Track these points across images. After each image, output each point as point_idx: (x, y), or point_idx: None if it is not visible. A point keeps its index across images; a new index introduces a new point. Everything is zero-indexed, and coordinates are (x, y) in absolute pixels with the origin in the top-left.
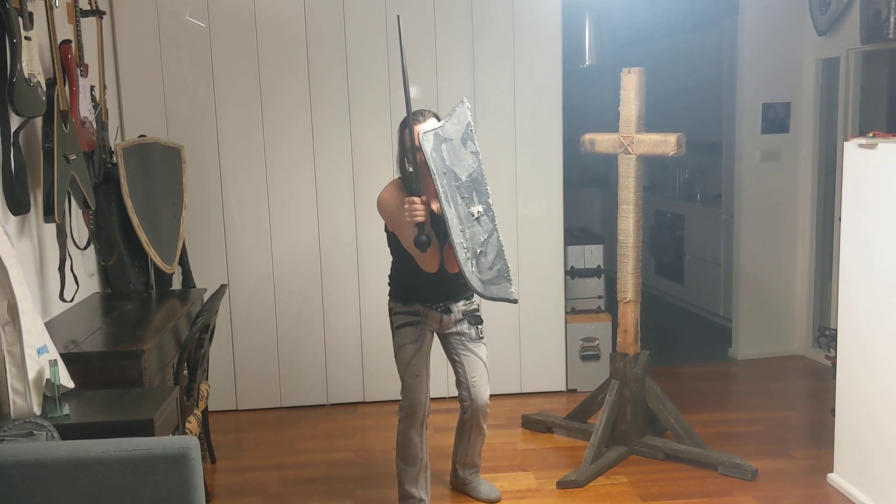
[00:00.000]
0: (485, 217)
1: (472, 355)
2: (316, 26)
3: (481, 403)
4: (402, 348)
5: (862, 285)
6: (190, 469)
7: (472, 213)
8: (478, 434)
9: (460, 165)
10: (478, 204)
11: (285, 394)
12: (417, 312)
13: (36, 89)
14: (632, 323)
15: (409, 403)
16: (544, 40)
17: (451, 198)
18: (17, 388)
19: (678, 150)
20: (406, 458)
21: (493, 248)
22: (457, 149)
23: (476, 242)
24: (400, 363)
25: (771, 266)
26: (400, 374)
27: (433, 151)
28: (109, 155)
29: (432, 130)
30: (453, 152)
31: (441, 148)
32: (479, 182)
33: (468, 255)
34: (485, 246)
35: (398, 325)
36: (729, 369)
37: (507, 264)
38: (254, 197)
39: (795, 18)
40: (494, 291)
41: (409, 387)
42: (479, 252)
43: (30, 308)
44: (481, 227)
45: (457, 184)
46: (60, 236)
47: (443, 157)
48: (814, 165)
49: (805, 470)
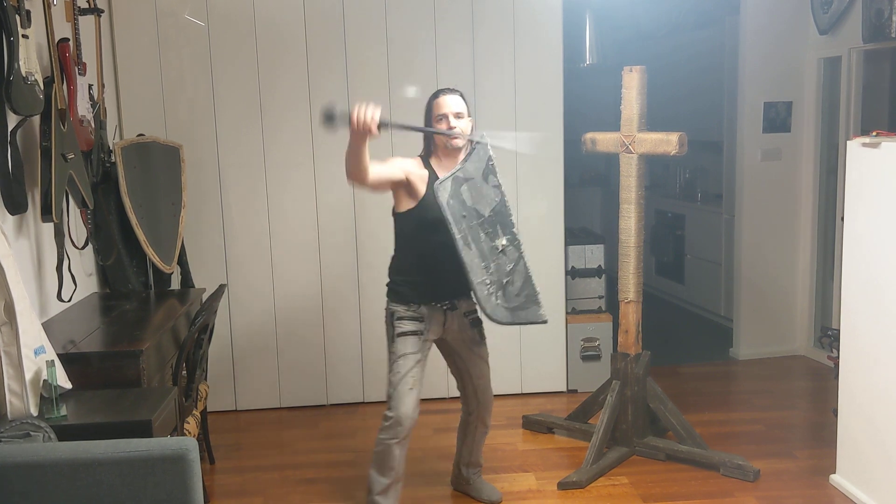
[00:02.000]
0: (510, 247)
1: (477, 359)
2: (315, 25)
3: (488, 404)
4: (403, 357)
5: (864, 285)
6: (188, 470)
7: (497, 246)
8: (483, 432)
9: (483, 202)
10: (502, 236)
11: (285, 394)
12: (421, 318)
13: (34, 88)
14: (633, 323)
15: (397, 416)
16: (545, 39)
17: (473, 238)
18: (14, 388)
19: (680, 150)
20: (382, 469)
21: (520, 276)
22: (479, 186)
23: (502, 273)
24: (396, 373)
25: (772, 266)
26: (392, 384)
27: (451, 199)
28: (108, 154)
29: (450, 176)
30: (475, 190)
31: (461, 191)
32: (502, 214)
33: (492, 289)
34: (511, 275)
35: (400, 333)
36: (730, 369)
37: (535, 288)
38: (253, 196)
39: (797, 17)
40: (523, 316)
41: (401, 399)
42: (506, 282)
43: (27, 308)
44: (507, 258)
45: (479, 221)
46: (58, 236)
47: (462, 200)
48: (815, 165)
49: (807, 471)
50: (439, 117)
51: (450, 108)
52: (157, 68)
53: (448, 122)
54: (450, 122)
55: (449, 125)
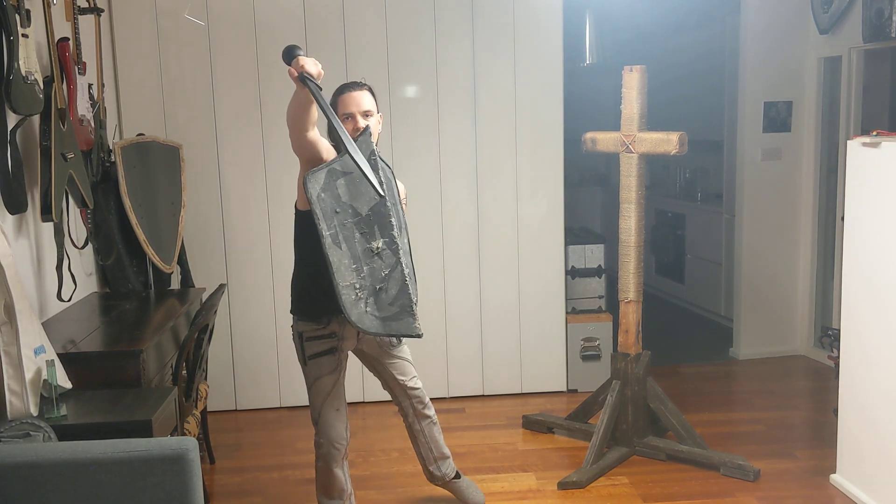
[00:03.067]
0: (387, 251)
1: (398, 360)
2: (315, 25)
3: (422, 396)
4: (320, 380)
5: (864, 285)
6: (188, 470)
7: (372, 248)
8: (430, 424)
9: (360, 200)
10: (379, 238)
11: (285, 394)
12: (333, 334)
13: (33, 87)
14: (633, 323)
15: (328, 441)
16: (545, 39)
17: (346, 237)
18: (13, 388)
19: (680, 149)
20: (331, 493)
21: (395, 283)
22: (357, 182)
23: (375, 279)
24: (316, 397)
25: (772, 265)
26: (315, 409)
27: (322, 192)
28: (108, 153)
29: (325, 168)
30: (353, 186)
31: (336, 185)
32: (381, 215)
33: (361, 293)
34: (385, 282)
35: (312, 355)
36: (730, 369)
37: (411, 298)
38: (253, 196)
39: (797, 17)
40: (395, 328)
41: (329, 423)
42: (379, 288)
43: (27, 308)
44: (383, 262)
45: (356, 220)
46: (58, 235)
47: (338, 194)
48: (816, 165)
49: (807, 470)
50: (345, 116)
51: (358, 107)
52: (157, 68)
53: (355, 122)
54: (357, 121)
55: (357, 125)
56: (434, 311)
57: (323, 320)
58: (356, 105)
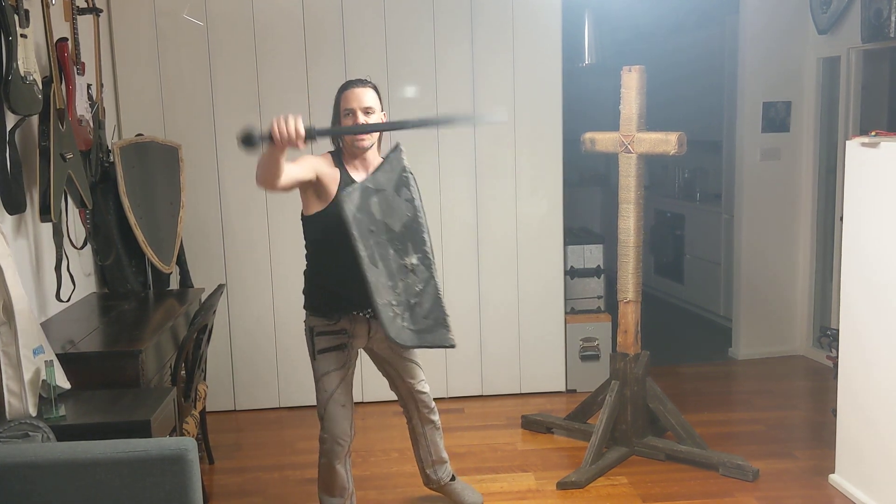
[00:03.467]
0: (421, 266)
1: (408, 362)
2: (313, 25)
3: (426, 401)
4: (327, 376)
5: (863, 285)
6: (187, 470)
7: (406, 264)
8: (433, 429)
9: (394, 216)
10: (413, 254)
11: (284, 394)
12: (343, 331)
13: (32, 87)
14: (632, 323)
15: (332, 437)
16: (544, 39)
17: (381, 255)
18: (12, 388)
19: (679, 149)
20: (332, 491)
21: (429, 297)
22: (390, 199)
23: (410, 294)
24: (322, 392)
25: (771, 265)
26: (321, 403)
27: (358, 212)
28: (106, 154)
29: (359, 186)
30: (385, 203)
31: (370, 203)
32: (414, 230)
33: (398, 310)
34: (419, 297)
35: (321, 349)
36: (729, 369)
37: (444, 310)
38: (252, 196)
39: (796, 17)
40: (430, 340)
41: (334, 418)
42: (414, 303)
43: (26, 308)
44: (417, 277)
45: (389, 236)
46: (57, 236)
47: (371, 213)
48: (814, 165)
49: (806, 470)
50: (346, 112)
51: (359, 103)
52: (156, 68)
53: (356, 118)
54: (357, 117)
55: (356, 121)
56: None
57: (334, 317)
58: (357, 101)
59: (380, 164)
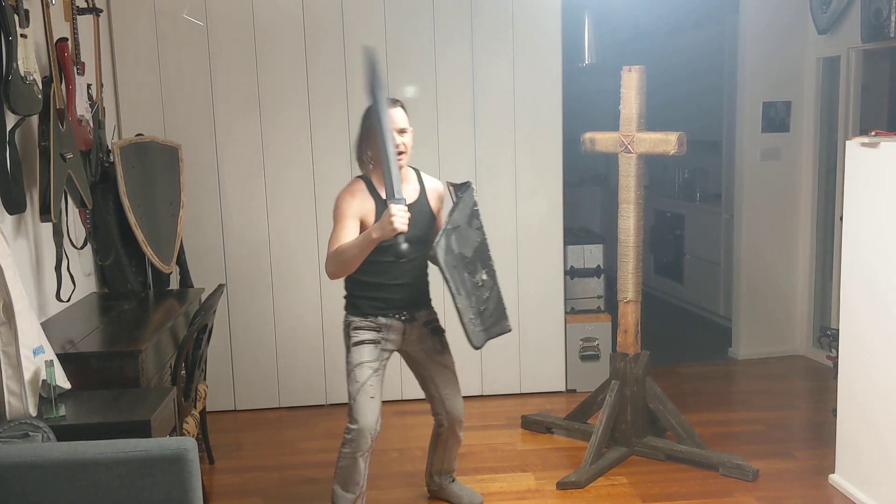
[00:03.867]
0: (488, 279)
1: (442, 368)
2: (313, 25)
3: (458, 415)
4: (360, 366)
5: (863, 285)
6: (187, 470)
7: (477, 281)
8: (455, 443)
9: (467, 245)
10: (482, 270)
11: (284, 394)
12: (379, 328)
13: (32, 87)
14: (632, 323)
15: (359, 427)
16: (544, 39)
17: (461, 281)
18: (12, 388)
19: (679, 149)
20: (347, 485)
21: (493, 300)
22: (464, 232)
23: (480, 303)
24: (354, 382)
25: (771, 265)
26: (352, 395)
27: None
28: (106, 154)
29: (443, 234)
30: (461, 237)
31: (451, 241)
32: (482, 252)
33: (476, 320)
34: (486, 303)
35: (357, 342)
36: (729, 369)
37: (503, 303)
38: (252, 196)
39: (796, 17)
40: (494, 332)
41: (362, 409)
42: (483, 310)
43: (26, 308)
44: (486, 288)
45: (463, 263)
46: (57, 236)
47: (453, 249)
48: (814, 165)
49: (806, 470)
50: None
51: (396, 124)
52: (156, 68)
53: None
54: (396, 137)
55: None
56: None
57: (370, 316)
58: (395, 123)
59: (455, 204)
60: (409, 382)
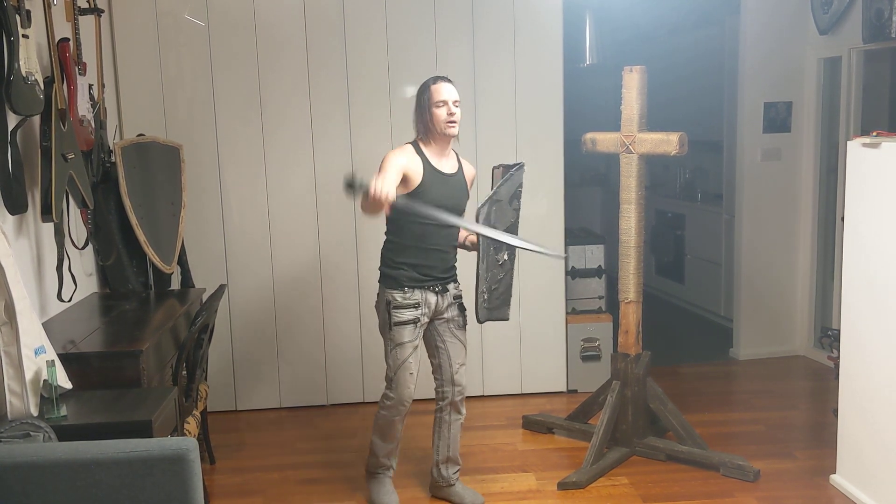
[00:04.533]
0: (507, 262)
1: (458, 342)
2: (315, 25)
3: (463, 388)
4: (402, 346)
5: (864, 286)
6: (188, 470)
7: (499, 259)
8: (458, 422)
9: (501, 221)
10: (505, 251)
11: (285, 394)
12: (417, 304)
13: (34, 88)
14: (633, 323)
15: (398, 398)
16: (545, 39)
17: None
18: (13, 388)
19: (680, 150)
20: (385, 438)
21: (504, 284)
22: (503, 208)
23: (493, 281)
24: (395, 360)
25: (772, 266)
26: (392, 369)
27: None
28: (108, 154)
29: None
30: (500, 211)
31: (491, 210)
32: (511, 233)
33: (485, 295)
34: (500, 284)
35: (398, 322)
36: (730, 369)
37: (510, 291)
38: (253, 196)
39: (797, 17)
40: (496, 315)
41: (402, 383)
42: (494, 289)
43: (27, 308)
44: (503, 270)
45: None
46: (58, 236)
47: (490, 218)
48: (815, 165)
49: (807, 471)
50: (440, 103)
51: (450, 96)
52: (157, 68)
53: (449, 108)
54: (451, 108)
55: (450, 111)
56: None
57: (408, 291)
58: (449, 94)
59: (505, 179)
60: None
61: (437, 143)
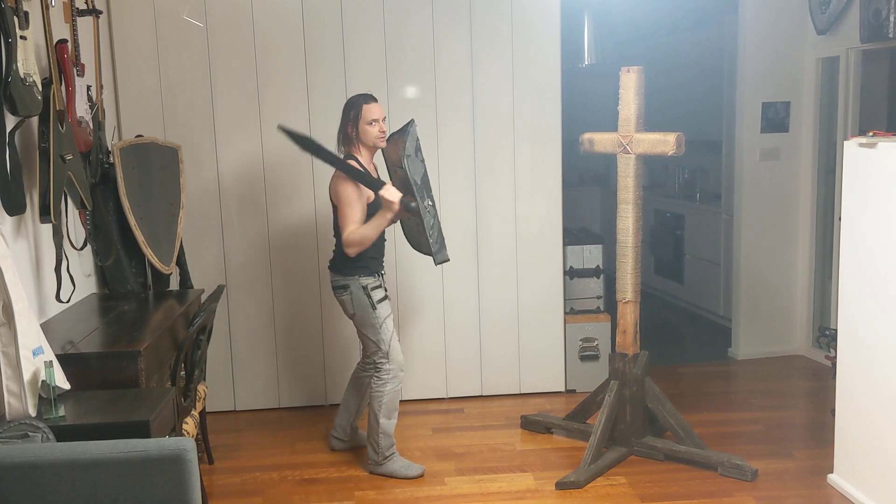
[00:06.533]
0: (432, 207)
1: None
2: (313, 26)
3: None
4: (388, 318)
5: (862, 285)
6: (186, 470)
7: (426, 206)
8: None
9: (417, 172)
10: (428, 198)
11: (284, 394)
12: (382, 284)
13: (32, 89)
14: (631, 323)
15: (398, 364)
16: (543, 39)
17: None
18: (12, 389)
19: (678, 150)
20: (391, 413)
21: (437, 228)
22: (413, 161)
23: (429, 227)
24: (386, 332)
25: (771, 265)
26: (386, 342)
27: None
28: (106, 155)
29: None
30: (412, 164)
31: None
32: (426, 182)
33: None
34: (433, 227)
35: (379, 299)
36: (729, 369)
37: (442, 234)
38: (251, 197)
39: (795, 17)
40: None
41: (397, 350)
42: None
43: (26, 309)
44: (432, 215)
45: (417, 186)
46: (57, 237)
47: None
48: (814, 165)
49: (805, 470)
50: (372, 121)
51: (381, 115)
52: (156, 69)
53: (381, 125)
54: (381, 125)
55: (381, 128)
56: (433, 311)
57: (376, 274)
58: (380, 113)
59: (406, 137)
60: (408, 383)
61: (369, 151)
